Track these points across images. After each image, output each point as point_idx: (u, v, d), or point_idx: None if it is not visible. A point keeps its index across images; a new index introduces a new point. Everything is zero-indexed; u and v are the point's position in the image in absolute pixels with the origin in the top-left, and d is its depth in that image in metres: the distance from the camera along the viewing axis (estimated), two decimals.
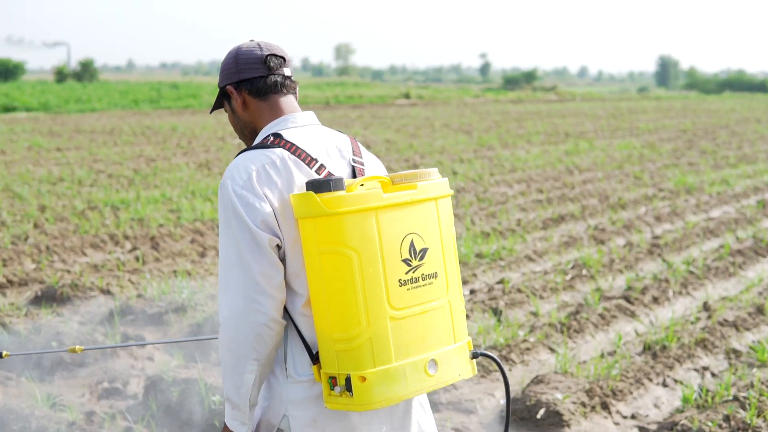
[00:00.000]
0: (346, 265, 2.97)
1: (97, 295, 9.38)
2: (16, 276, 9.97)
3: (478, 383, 7.21)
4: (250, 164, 3.09)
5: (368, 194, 3.00)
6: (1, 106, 48.88)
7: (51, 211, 14.04)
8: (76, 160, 21.89)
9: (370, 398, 2.98)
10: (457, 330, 3.23)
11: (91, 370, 7.42)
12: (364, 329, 2.99)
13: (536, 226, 13.59)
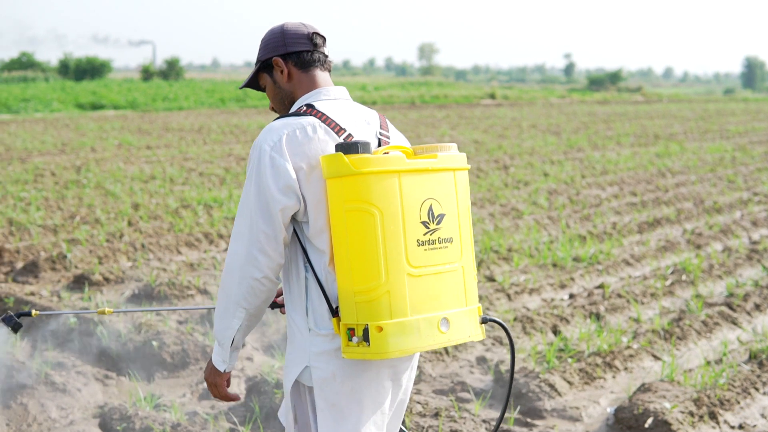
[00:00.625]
0: (369, 221, 3.21)
1: (195, 294, 9.38)
2: (113, 274, 10.00)
3: (582, 390, 7.07)
4: (283, 129, 3.34)
5: (392, 158, 3.28)
6: (89, 104, 49.60)
7: (144, 209, 14.11)
8: (167, 158, 22.06)
9: (386, 348, 3.22)
10: (469, 294, 3.49)
11: (191, 369, 7.40)
12: (383, 282, 3.23)
13: (632, 229, 13.38)
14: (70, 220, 13.07)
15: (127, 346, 7.60)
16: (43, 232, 12.27)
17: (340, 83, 27.71)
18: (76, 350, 7.71)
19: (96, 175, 18.53)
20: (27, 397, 6.72)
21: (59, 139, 27.80)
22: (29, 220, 13.02)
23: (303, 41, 3.59)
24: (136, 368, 7.39)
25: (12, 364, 6.92)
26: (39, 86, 77.74)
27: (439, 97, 60.69)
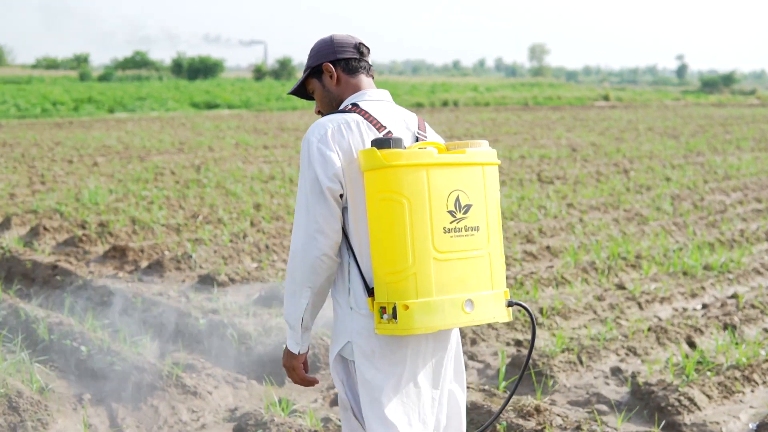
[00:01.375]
0: (399, 210, 3.55)
1: None
2: (238, 275, 10.00)
3: (721, 404, 6.84)
4: (329, 123, 3.75)
5: (421, 153, 3.61)
6: (204, 103, 50.18)
7: (266, 209, 14.14)
8: (284, 158, 22.16)
9: (412, 324, 3.54)
10: (495, 278, 3.78)
11: (322, 374, 7.33)
12: (410, 265, 3.56)
13: (760, 237, 13.01)
14: (192, 220, 13.15)
15: (257, 349, 7.56)
16: (166, 232, 12.34)
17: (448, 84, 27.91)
18: (206, 352, 7.71)
19: (216, 174, 18.67)
20: (157, 399, 6.73)
21: (177, 137, 28.13)
22: (152, 219, 13.13)
23: (350, 50, 4.04)
24: (266, 372, 7.35)
25: (142, 365, 6.93)
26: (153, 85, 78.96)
27: (552, 99, 60.19)
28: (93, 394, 6.83)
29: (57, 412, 6.34)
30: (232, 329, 7.81)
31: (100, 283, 9.33)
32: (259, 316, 8.34)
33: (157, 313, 8.41)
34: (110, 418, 6.59)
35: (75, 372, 7.22)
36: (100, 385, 6.97)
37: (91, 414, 6.58)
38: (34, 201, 15.20)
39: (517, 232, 12.69)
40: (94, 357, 7.23)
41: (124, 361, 7.01)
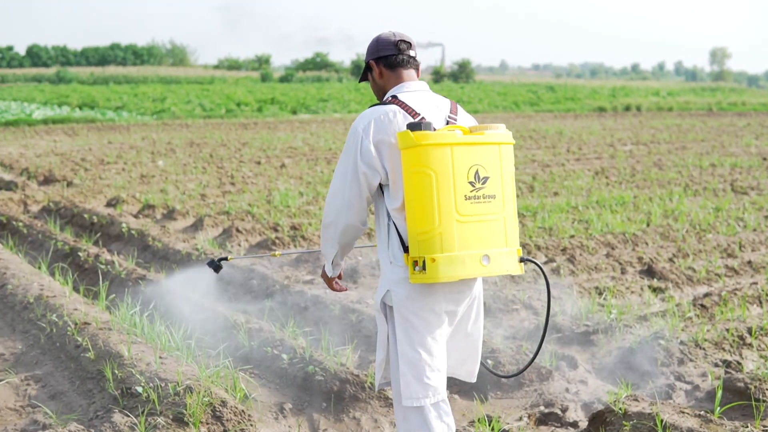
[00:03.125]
0: (427, 181, 4.34)
1: (519, 308, 9.06)
2: None
3: None
4: (371, 115, 4.55)
5: (446, 134, 4.39)
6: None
7: None
8: None
9: (437, 274, 4.34)
10: (509, 238, 4.56)
11: (526, 390, 7.06)
12: (436, 226, 4.35)
13: None
14: None
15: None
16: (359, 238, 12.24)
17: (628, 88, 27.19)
18: None
19: None
20: (360, 411, 6.61)
21: None
22: None
23: (390, 47, 4.79)
24: (468, 387, 7.13)
25: (345, 376, 6.79)
26: (334, 86, 79.93)
27: (736, 105, 58.46)
28: (294, 404, 6.72)
29: (259, 421, 6.25)
30: None
31: (297, 289, 9.25)
32: None
33: (356, 320, 8.27)
34: (311, 429, 6.47)
35: (275, 380, 7.13)
36: (301, 395, 6.87)
37: (291, 424, 6.48)
38: (225, 202, 15.35)
39: (716, 245, 12.16)
40: (295, 365, 7.13)
41: (325, 370, 6.88)
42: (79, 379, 7.03)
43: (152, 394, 6.16)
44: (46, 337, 7.94)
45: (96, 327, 7.67)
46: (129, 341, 7.16)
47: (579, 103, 53.02)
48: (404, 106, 4.56)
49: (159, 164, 21.86)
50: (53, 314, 8.19)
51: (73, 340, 7.52)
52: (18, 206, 15.94)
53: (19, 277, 9.57)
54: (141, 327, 7.65)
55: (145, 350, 7.05)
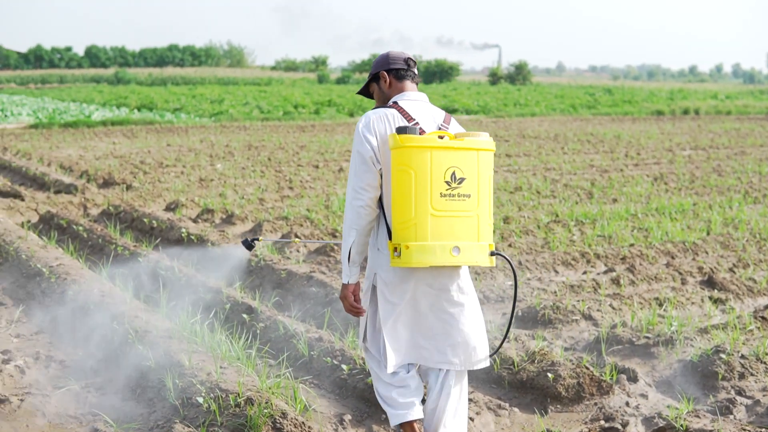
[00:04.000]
0: (407, 178, 5.04)
1: (579, 319, 9.00)
2: (493, 292, 9.78)
3: None
4: (372, 115, 5.33)
5: (427, 138, 5.06)
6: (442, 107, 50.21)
7: (515, 222, 13.84)
8: (528, 167, 21.79)
9: (410, 260, 5.05)
10: (482, 233, 5.19)
11: (586, 404, 6.99)
12: (412, 218, 5.05)
13: None
14: None
15: (520, 375, 7.29)
16: None
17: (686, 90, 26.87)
18: (470, 376, 7.49)
19: None
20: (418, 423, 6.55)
21: None
22: None
23: (400, 62, 5.56)
24: (528, 400, 7.08)
25: None
26: None
27: None
28: (353, 415, 6.71)
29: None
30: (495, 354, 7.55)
31: None
32: (521, 340, 8.07)
33: None
34: None
35: (335, 391, 7.12)
36: (361, 406, 6.85)
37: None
38: (284, 207, 15.37)
39: None
40: (354, 376, 7.12)
41: None
42: (140, 387, 7.07)
43: (213, 405, 6.17)
44: (107, 345, 7.99)
45: (157, 335, 7.70)
46: (190, 350, 7.19)
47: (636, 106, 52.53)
48: (402, 111, 5.35)
49: (218, 167, 21.95)
50: (114, 321, 8.24)
51: (134, 348, 7.56)
52: (78, 209, 16.08)
53: (79, 282, 9.64)
54: (201, 336, 7.67)
55: (205, 359, 7.07)
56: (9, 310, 9.69)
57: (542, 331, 8.70)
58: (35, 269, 10.52)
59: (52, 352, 8.26)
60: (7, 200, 17.04)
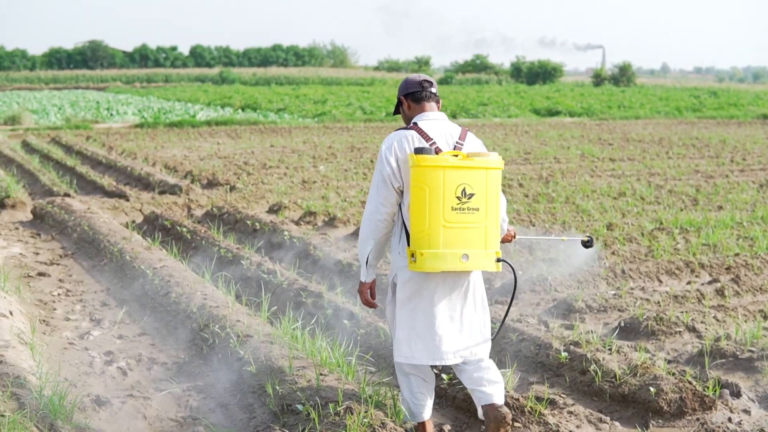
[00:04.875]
0: (423, 194, 5.59)
1: (682, 331, 8.85)
2: (595, 301, 9.66)
3: None
4: (394, 138, 5.91)
5: (440, 158, 5.60)
6: (545, 110, 49.91)
7: (619, 229, 13.67)
8: (632, 172, 21.49)
9: (424, 266, 5.62)
10: (489, 242, 5.71)
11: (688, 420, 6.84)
12: (427, 228, 5.60)
13: None
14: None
15: (621, 388, 7.18)
16: (519, 249, 12.14)
17: None
18: (568, 387, 7.41)
19: (564, 188, 18.32)
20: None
21: (521, 146, 28.01)
22: None
23: (415, 86, 6.13)
24: (629, 414, 6.98)
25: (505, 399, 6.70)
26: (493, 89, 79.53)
27: None
28: (453, 425, 6.70)
29: None
30: (594, 365, 7.46)
31: None
32: (622, 352, 7.95)
33: (516, 340, 8.19)
34: None
35: (435, 400, 7.09)
36: (460, 416, 6.84)
37: None
38: None
39: None
40: (454, 386, 7.09)
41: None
42: (240, 392, 7.13)
43: (312, 412, 6.20)
44: (208, 348, 8.08)
45: (258, 340, 7.77)
46: (290, 356, 7.22)
47: (742, 110, 51.46)
48: (421, 131, 5.89)
49: (320, 169, 22.07)
50: (216, 325, 8.32)
51: (236, 352, 7.63)
52: (182, 210, 16.31)
53: (182, 285, 9.77)
54: (302, 342, 7.71)
55: (306, 366, 7.10)
56: (112, 311, 9.87)
57: (645, 343, 8.57)
58: (139, 270, 10.69)
59: (154, 354, 8.39)
60: (112, 200, 17.37)
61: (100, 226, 13.44)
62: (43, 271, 11.68)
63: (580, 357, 7.63)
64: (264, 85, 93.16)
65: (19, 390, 6.39)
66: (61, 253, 13.01)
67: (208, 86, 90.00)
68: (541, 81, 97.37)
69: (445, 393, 7.12)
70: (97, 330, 9.16)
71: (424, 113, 6.05)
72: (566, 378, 7.50)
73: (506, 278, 10.56)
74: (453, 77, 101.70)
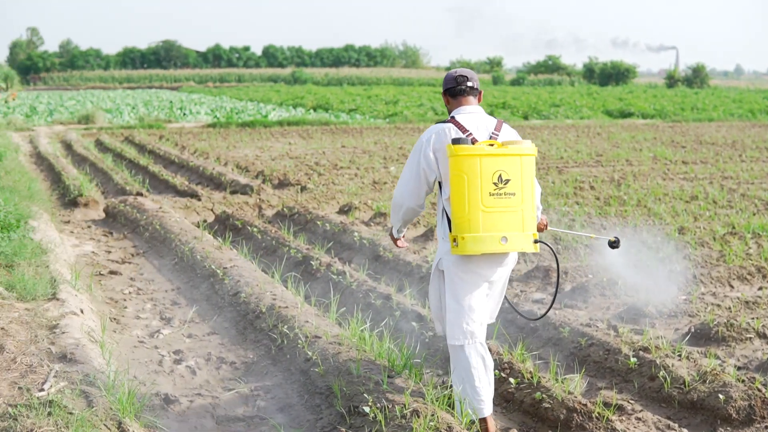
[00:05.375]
0: (462, 181, 5.93)
1: (753, 337, 8.74)
2: (666, 306, 9.56)
3: None
4: (433, 130, 6.31)
5: (477, 147, 5.94)
6: (617, 111, 49.55)
7: (690, 233, 13.52)
8: (705, 175, 21.23)
9: (465, 249, 5.95)
10: (526, 225, 6.03)
11: (757, 428, 6.73)
12: (466, 213, 5.93)
13: None
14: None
15: (690, 395, 7.11)
16: (589, 253, 12.07)
17: None
18: (636, 393, 7.36)
19: (636, 191, 18.14)
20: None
21: (593, 148, 27.81)
22: (574, 238, 12.85)
23: (451, 82, 6.51)
24: (697, 421, 6.90)
25: (572, 405, 6.66)
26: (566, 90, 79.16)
27: None
28: (519, 430, 6.67)
29: None
30: (663, 371, 7.39)
31: (526, 308, 9.16)
32: (692, 358, 7.86)
33: (585, 344, 8.14)
34: None
35: (502, 404, 7.10)
36: (527, 421, 6.82)
37: None
38: None
39: None
40: (522, 390, 7.07)
41: (552, 398, 6.80)
42: (307, 393, 7.16)
43: (379, 415, 6.20)
44: (276, 349, 8.13)
45: (326, 341, 7.80)
46: (358, 358, 7.24)
47: None
48: (458, 124, 6.25)
49: (391, 170, 22.10)
50: (285, 325, 8.37)
51: (304, 353, 7.67)
52: (253, 210, 16.42)
53: (252, 285, 9.83)
54: (370, 343, 7.73)
55: (373, 368, 7.11)
56: (183, 309, 9.97)
57: (715, 349, 8.47)
58: (209, 270, 10.79)
59: (223, 353, 8.46)
60: (184, 199, 17.54)
61: (172, 225, 13.58)
62: (115, 270, 11.84)
63: (649, 363, 7.56)
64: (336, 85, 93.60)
65: (89, 388, 6.47)
66: (132, 252, 13.17)
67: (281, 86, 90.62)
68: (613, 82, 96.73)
69: (512, 397, 7.10)
70: (167, 329, 9.26)
71: (461, 107, 6.43)
72: (635, 384, 7.45)
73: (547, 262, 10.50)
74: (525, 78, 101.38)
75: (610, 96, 65.51)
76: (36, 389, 6.38)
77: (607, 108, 50.95)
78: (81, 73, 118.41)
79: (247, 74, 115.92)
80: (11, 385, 6.48)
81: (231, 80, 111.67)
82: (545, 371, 7.65)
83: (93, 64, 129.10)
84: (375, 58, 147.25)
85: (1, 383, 6.49)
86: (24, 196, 15.30)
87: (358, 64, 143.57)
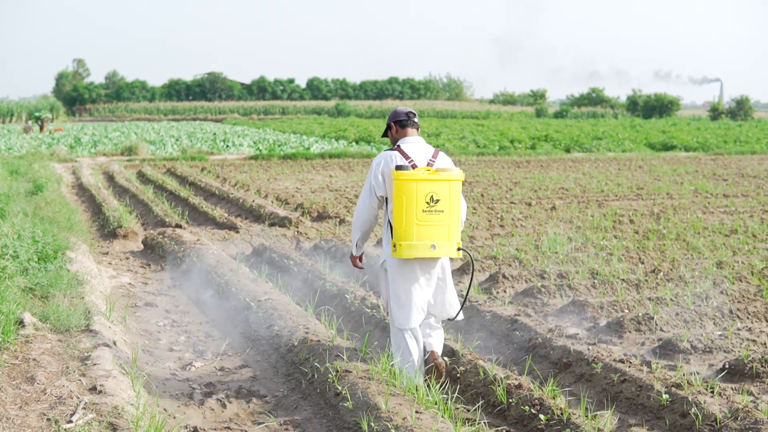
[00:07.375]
0: (401, 199, 7.49)
1: None
2: (701, 342, 9.47)
3: None
4: (382, 157, 7.83)
5: (414, 173, 7.52)
6: (660, 144, 49.29)
7: (729, 267, 13.39)
8: (746, 208, 21.05)
9: (402, 253, 7.56)
10: (452, 235, 7.64)
11: None
12: (403, 225, 7.51)
13: None
14: (652, 275, 12.66)
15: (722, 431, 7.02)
16: (626, 288, 11.98)
17: None
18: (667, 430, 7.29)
19: (675, 225, 18.00)
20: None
21: (634, 181, 27.66)
22: (612, 272, 12.79)
23: (403, 116, 8.04)
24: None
25: None
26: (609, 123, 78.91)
27: None
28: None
29: None
30: (695, 407, 7.31)
31: (560, 344, 9.10)
32: (725, 395, 7.78)
33: (618, 381, 8.07)
34: None
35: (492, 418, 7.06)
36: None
37: None
38: (493, 245, 15.32)
39: None
40: (552, 428, 7.01)
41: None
42: (336, 428, 7.16)
43: None
44: (307, 383, 8.14)
45: (356, 375, 7.77)
46: (387, 392, 7.22)
47: None
48: (402, 152, 7.80)
49: None
50: (316, 359, 8.37)
51: (333, 387, 7.66)
52: (290, 242, 16.48)
53: (285, 318, 9.85)
54: (400, 378, 7.70)
55: (402, 403, 7.08)
56: (216, 342, 10.00)
57: (749, 385, 8.38)
58: (244, 302, 10.82)
59: (254, 386, 8.48)
60: (222, 231, 17.64)
61: (209, 258, 13.64)
62: (151, 302, 11.91)
63: (682, 399, 7.49)
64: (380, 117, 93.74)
65: (116, 420, 6.50)
66: (169, 284, 13.24)
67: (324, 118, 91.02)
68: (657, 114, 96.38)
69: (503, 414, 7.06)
70: (199, 361, 9.29)
71: (406, 137, 8.03)
72: (666, 421, 7.37)
73: None
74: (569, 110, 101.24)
75: (653, 129, 65.24)
76: (64, 421, 6.42)
77: (649, 140, 50.69)
78: (126, 104, 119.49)
79: (291, 106, 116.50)
80: (40, 416, 6.53)
81: (275, 112, 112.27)
82: (576, 407, 7.59)
83: (138, 96, 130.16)
84: (419, 91, 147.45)
85: (30, 414, 6.54)
86: (63, 227, 15.43)
87: (401, 96, 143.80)
